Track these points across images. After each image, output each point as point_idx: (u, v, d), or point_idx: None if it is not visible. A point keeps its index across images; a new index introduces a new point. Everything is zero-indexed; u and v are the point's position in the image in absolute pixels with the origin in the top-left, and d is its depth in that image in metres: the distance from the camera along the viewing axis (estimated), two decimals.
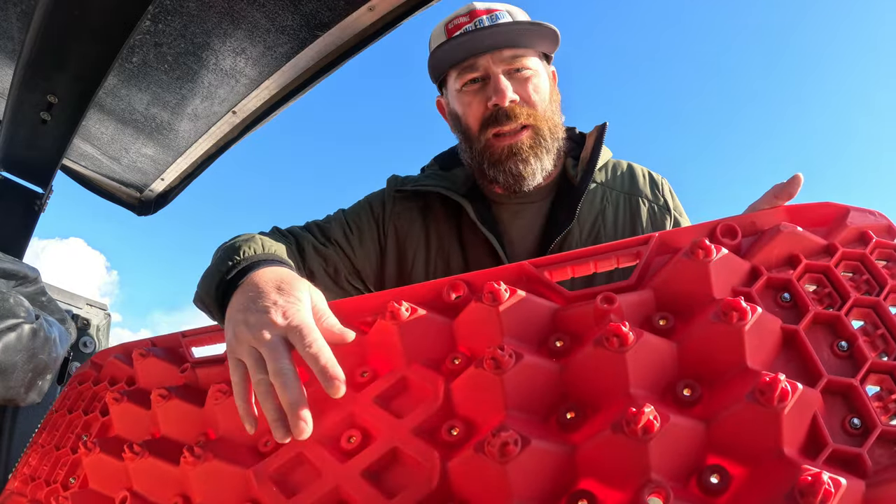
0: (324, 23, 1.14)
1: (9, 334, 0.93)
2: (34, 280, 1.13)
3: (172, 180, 1.81)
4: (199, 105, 1.43)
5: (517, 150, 0.90)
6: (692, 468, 0.40)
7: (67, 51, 1.05)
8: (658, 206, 0.98)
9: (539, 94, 0.93)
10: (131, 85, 1.35)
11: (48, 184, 1.52)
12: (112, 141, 1.61)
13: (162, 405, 0.64)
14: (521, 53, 0.92)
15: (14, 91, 1.16)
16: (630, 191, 0.99)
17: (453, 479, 0.46)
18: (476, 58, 0.91)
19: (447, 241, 0.99)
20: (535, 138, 0.91)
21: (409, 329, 0.55)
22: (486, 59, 0.91)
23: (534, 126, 0.91)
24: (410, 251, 1.00)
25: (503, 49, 0.90)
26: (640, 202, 0.97)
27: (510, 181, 0.92)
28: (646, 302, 0.52)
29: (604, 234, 0.95)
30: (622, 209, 0.97)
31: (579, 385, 0.48)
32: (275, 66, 1.28)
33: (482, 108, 0.92)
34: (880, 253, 0.51)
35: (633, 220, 0.96)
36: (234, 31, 1.16)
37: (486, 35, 0.90)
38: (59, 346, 1.07)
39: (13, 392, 0.97)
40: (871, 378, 0.44)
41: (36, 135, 1.29)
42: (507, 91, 0.89)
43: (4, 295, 0.97)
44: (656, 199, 0.99)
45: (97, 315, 1.51)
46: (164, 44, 1.20)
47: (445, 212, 1.01)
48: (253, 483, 0.52)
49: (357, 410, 0.53)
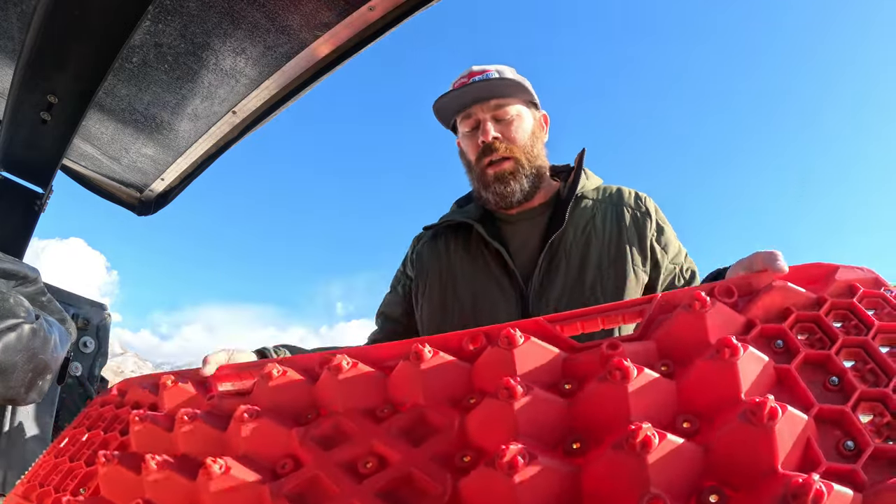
0: (324, 23, 1.15)
1: (9, 334, 0.93)
2: (34, 280, 1.13)
3: (172, 180, 1.81)
4: (199, 105, 1.43)
5: (500, 176, 1.18)
6: (691, 489, 0.42)
7: (67, 51, 1.05)
8: (640, 212, 1.19)
9: (518, 133, 1.19)
10: (131, 85, 1.35)
11: (48, 184, 1.52)
12: (112, 141, 1.61)
13: (185, 425, 0.65)
14: (504, 102, 1.19)
15: (14, 91, 1.16)
16: (616, 203, 1.21)
17: (464, 495, 0.48)
18: (469, 108, 1.20)
19: (455, 256, 1.24)
20: (514, 167, 1.18)
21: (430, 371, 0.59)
22: (476, 109, 1.19)
23: (513, 157, 1.18)
24: (425, 274, 1.27)
25: (490, 100, 1.18)
26: (625, 210, 1.20)
27: (497, 199, 1.19)
28: (648, 351, 0.55)
29: (594, 235, 1.16)
30: (609, 216, 1.18)
31: (585, 418, 0.50)
32: (275, 66, 1.28)
33: (476, 145, 1.20)
34: (868, 302, 0.54)
35: (618, 223, 1.17)
36: (234, 31, 1.16)
37: (475, 89, 1.17)
38: (60, 346, 1.07)
39: (13, 392, 0.97)
40: (863, 406, 0.45)
41: (36, 135, 1.29)
42: (490, 131, 1.17)
43: (4, 295, 0.97)
44: (638, 208, 1.20)
45: (97, 315, 1.51)
46: (165, 44, 1.20)
47: (455, 237, 1.27)
48: (267, 499, 0.53)
49: (376, 441, 0.56)
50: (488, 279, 1.18)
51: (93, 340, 1.46)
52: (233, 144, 1.58)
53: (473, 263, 1.21)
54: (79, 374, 1.41)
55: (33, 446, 1.23)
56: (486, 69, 1.21)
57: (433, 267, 1.27)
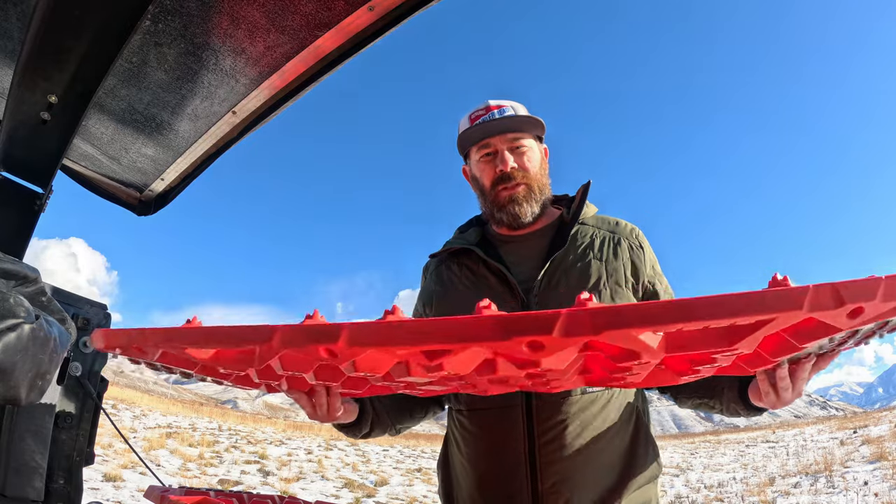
0: (324, 23, 1.15)
1: (8, 334, 0.93)
2: (34, 280, 1.13)
3: (172, 180, 1.81)
4: (199, 105, 1.43)
5: (514, 197, 1.32)
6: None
7: (68, 50, 1.05)
8: (636, 245, 1.32)
9: (531, 163, 1.34)
10: (131, 85, 1.35)
11: (48, 184, 1.52)
12: (112, 141, 1.61)
13: None
14: (519, 136, 1.33)
15: (14, 91, 1.16)
16: (614, 231, 1.34)
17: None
18: (489, 139, 1.33)
19: (458, 279, 1.35)
20: (527, 191, 1.33)
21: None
22: (496, 140, 1.33)
23: (527, 184, 1.33)
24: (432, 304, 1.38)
25: (507, 133, 1.32)
26: (623, 240, 1.31)
27: (510, 219, 1.33)
28: None
29: (593, 256, 1.27)
30: (607, 241, 1.31)
31: None
32: (275, 65, 1.28)
33: (493, 172, 1.34)
34: None
35: (615, 249, 1.28)
36: (234, 31, 1.16)
37: (496, 124, 1.31)
38: (60, 346, 1.07)
39: (13, 392, 0.97)
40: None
41: (36, 135, 1.29)
42: (509, 161, 1.31)
43: (4, 295, 0.96)
44: (634, 241, 1.33)
45: (97, 315, 1.51)
46: (165, 43, 1.20)
47: (458, 262, 1.39)
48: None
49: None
50: (490, 294, 1.26)
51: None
52: (233, 145, 1.57)
53: (476, 283, 1.33)
54: (79, 374, 1.41)
55: (33, 447, 1.23)
56: (502, 104, 1.36)
57: (438, 292, 1.38)
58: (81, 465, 1.38)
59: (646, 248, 1.33)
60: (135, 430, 14.30)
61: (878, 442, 13.33)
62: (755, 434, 27.39)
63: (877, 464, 10.76)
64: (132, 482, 7.91)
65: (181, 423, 17.83)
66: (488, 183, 1.35)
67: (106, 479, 7.85)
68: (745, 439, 23.95)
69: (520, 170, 1.33)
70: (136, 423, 15.81)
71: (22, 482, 1.19)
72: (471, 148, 1.40)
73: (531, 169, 1.34)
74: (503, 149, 1.32)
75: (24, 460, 1.19)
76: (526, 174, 1.33)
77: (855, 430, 17.75)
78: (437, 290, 1.40)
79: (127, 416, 16.28)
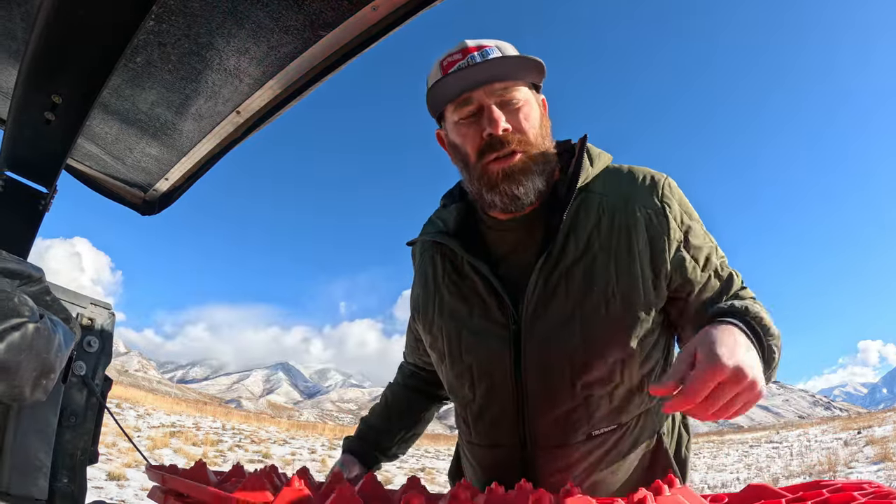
0: (327, 22, 1.14)
1: (13, 333, 0.93)
2: (38, 279, 1.13)
3: (176, 180, 1.82)
4: (203, 105, 1.43)
5: (510, 172, 0.99)
6: None
7: (71, 51, 1.05)
8: (654, 211, 1.01)
9: (529, 122, 1.02)
10: (135, 85, 1.35)
11: (52, 183, 1.53)
12: (116, 141, 1.62)
13: None
14: (510, 85, 1.00)
15: (18, 91, 1.16)
16: (626, 197, 1.02)
17: None
18: (470, 92, 1.00)
19: (441, 281, 1.13)
20: (526, 162, 1.00)
21: None
22: (479, 93, 1.00)
23: (525, 151, 1.00)
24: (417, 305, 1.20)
25: (494, 82, 0.99)
26: (637, 211, 1.01)
27: (506, 201, 1.01)
28: None
29: (598, 247, 0.99)
30: (618, 220, 1.00)
31: None
32: (278, 65, 1.28)
33: (478, 137, 1.01)
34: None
35: (628, 234, 0.99)
36: (238, 31, 1.16)
37: (478, 70, 0.97)
38: (64, 345, 1.07)
39: (17, 391, 0.97)
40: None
41: (40, 135, 1.30)
42: (500, 121, 0.98)
43: (9, 294, 0.97)
44: (653, 205, 1.01)
45: (101, 314, 1.51)
46: (168, 43, 1.20)
47: (440, 250, 1.15)
48: None
49: None
50: (474, 306, 1.07)
51: (97, 340, 1.47)
52: (237, 144, 1.58)
53: (460, 288, 1.09)
54: (83, 373, 1.41)
55: (37, 445, 1.23)
56: (484, 44, 1.01)
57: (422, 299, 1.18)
58: (85, 464, 1.39)
59: (672, 210, 1.01)
60: (139, 429, 14.34)
61: (882, 443, 13.26)
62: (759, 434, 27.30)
63: (881, 465, 10.70)
64: (136, 481, 7.93)
65: (185, 422, 17.88)
66: (473, 152, 1.02)
67: (110, 477, 7.88)
68: (748, 440, 23.88)
69: (515, 132, 1.00)
70: (140, 422, 15.86)
71: (26, 481, 1.20)
72: (446, 106, 1.06)
73: (529, 130, 1.01)
74: (490, 104, 0.99)
75: (28, 459, 1.20)
76: (523, 137, 1.01)
77: (859, 431, 17.67)
78: (420, 295, 1.19)
79: (131, 415, 16.34)
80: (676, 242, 1.00)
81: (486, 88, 0.99)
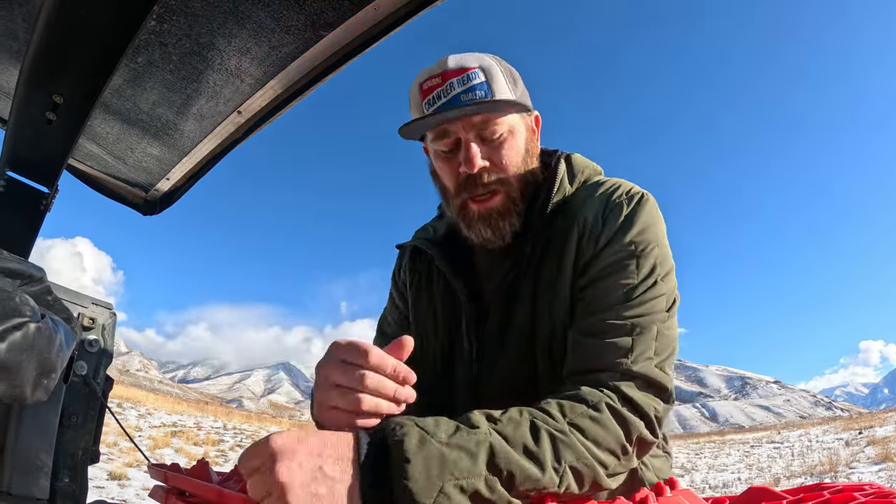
0: (328, 22, 1.14)
1: (14, 333, 0.94)
2: (40, 279, 1.13)
3: (178, 180, 1.82)
4: (205, 105, 1.43)
5: (487, 215, 0.93)
6: None
7: (73, 51, 1.06)
8: (589, 230, 0.89)
9: (511, 157, 0.94)
10: (136, 85, 1.36)
11: (54, 183, 1.53)
12: (117, 141, 1.62)
13: None
14: (492, 118, 0.91)
15: (20, 91, 1.17)
16: (576, 213, 0.92)
17: None
18: (447, 125, 0.92)
19: (435, 287, 1.08)
20: (505, 202, 0.94)
21: None
22: (456, 127, 0.91)
23: (505, 191, 0.94)
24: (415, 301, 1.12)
25: (472, 116, 0.90)
26: (576, 225, 0.90)
27: (481, 240, 0.96)
28: None
29: (545, 262, 0.92)
30: (560, 234, 0.92)
31: None
32: (280, 65, 1.28)
33: (455, 173, 0.94)
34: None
35: (563, 247, 0.90)
36: (240, 31, 1.16)
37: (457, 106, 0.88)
38: (65, 345, 1.07)
39: (19, 391, 0.97)
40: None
41: (42, 135, 1.30)
42: (476, 159, 0.90)
43: (10, 294, 0.97)
44: (593, 224, 0.89)
45: (102, 314, 1.51)
46: (170, 43, 1.20)
47: (428, 261, 1.11)
48: None
49: None
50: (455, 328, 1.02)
51: (98, 339, 1.47)
52: (238, 144, 1.58)
53: (450, 294, 1.05)
54: (84, 372, 1.41)
55: (38, 445, 1.24)
56: (466, 67, 0.90)
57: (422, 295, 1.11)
58: (87, 464, 1.39)
59: (604, 235, 0.87)
60: (140, 429, 14.36)
61: (883, 443, 13.24)
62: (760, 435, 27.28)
63: (882, 465, 10.69)
64: (137, 481, 7.94)
65: (186, 421, 17.89)
66: (451, 186, 0.96)
67: (111, 477, 7.89)
68: (749, 440, 23.86)
69: (493, 170, 0.92)
70: (142, 421, 15.87)
71: (27, 480, 1.20)
72: (428, 134, 0.99)
73: (510, 166, 0.93)
74: (468, 139, 0.91)
75: (29, 458, 1.20)
76: (503, 176, 0.93)
77: (860, 431, 17.64)
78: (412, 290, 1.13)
79: (132, 415, 16.35)
80: (593, 267, 0.87)
81: (464, 121, 0.91)
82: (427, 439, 0.56)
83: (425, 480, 0.53)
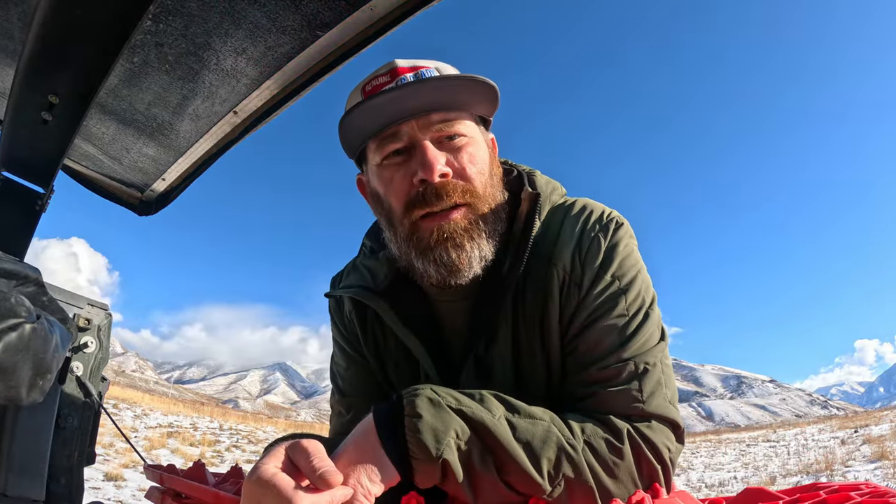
0: (325, 23, 1.14)
1: (10, 334, 0.93)
2: (35, 280, 1.13)
3: (174, 180, 1.82)
4: (201, 105, 1.43)
5: (449, 233, 0.74)
6: None
7: (68, 51, 1.05)
8: (569, 276, 0.77)
9: (476, 166, 0.78)
10: (132, 85, 1.35)
11: (49, 184, 1.52)
12: (113, 141, 1.61)
13: None
14: (453, 117, 0.77)
15: (15, 91, 1.16)
16: (552, 255, 0.79)
17: None
18: (399, 124, 0.76)
19: (392, 345, 0.89)
20: (470, 218, 0.76)
21: None
22: (410, 126, 0.76)
23: (470, 204, 0.76)
24: (379, 361, 0.93)
25: (431, 112, 0.76)
26: (555, 273, 0.77)
27: (443, 272, 0.75)
28: None
29: (522, 316, 0.79)
30: (539, 284, 0.78)
31: None
32: (276, 65, 1.27)
33: (407, 184, 0.76)
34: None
35: (545, 299, 0.78)
36: (236, 31, 1.16)
37: (409, 94, 0.73)
38: (61, 345, 1.07)
39: (14, 391, 0.97)
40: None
41: (37, 135, 1.29)
42: (437, 164, 0.74)
43: (6, 295, 0.97)
44: (573, 269, 0.77)
45: (98, 315, 1.51)
46: (166, 44, 1.20)
47: (368, 315, 0.91)
48: None
49: None
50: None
51: (94, 340, 1.46)
52: (234, 144, 1.58)
53: (408, 357, 0.87)
54: (80, 373, 1.41)
55: (34, 445, 1.23)
56: (420, 65, 0.78)
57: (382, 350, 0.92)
58: (82, 465, 1.39)
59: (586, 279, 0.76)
60: (136, 430, 14.31)
61: (879, 441, 13.31)
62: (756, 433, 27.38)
63: (878, 463, 10.74)
64: (133, 482, 7.91)
65: (182, 422, 17.84)
66: (399, 204, 0.77)
67: (107, 478, 7.86)
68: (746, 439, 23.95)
69: (457, 179, 0.76)
70: (138, 422, 15.82)
71: (23, 482, 1.20)
72: (367, 142, 0.81)
73: (476, 176, 0.77)
74: (425, 141, 0.76)
75: (25, 460, 1.20)
76: (468, 186, 0.77)
77: (856, 430, 17.73)
78: (369, 347, 0.92)
79: (128, 416, 16.30)
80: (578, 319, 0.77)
81: (420, 120, 0.76)
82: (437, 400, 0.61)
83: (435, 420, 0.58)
